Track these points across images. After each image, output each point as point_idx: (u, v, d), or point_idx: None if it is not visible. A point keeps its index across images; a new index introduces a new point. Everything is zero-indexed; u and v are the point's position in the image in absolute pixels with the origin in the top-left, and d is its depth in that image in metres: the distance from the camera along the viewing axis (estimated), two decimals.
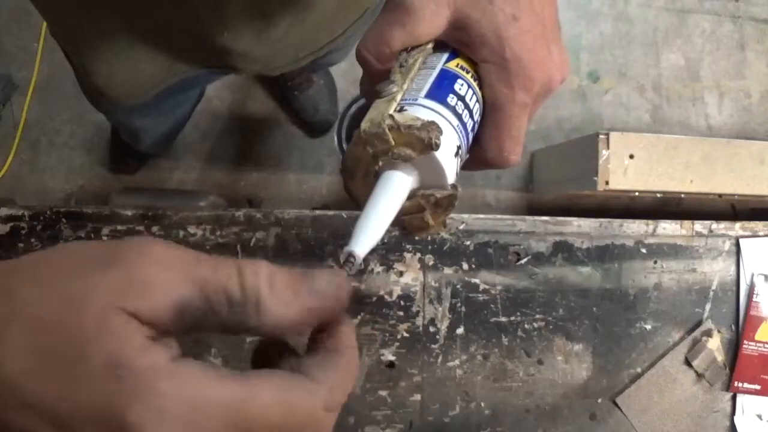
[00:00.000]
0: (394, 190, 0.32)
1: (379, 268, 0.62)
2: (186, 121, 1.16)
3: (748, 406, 0.68)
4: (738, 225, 0.69)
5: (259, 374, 0.22)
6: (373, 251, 0.63)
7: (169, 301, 0.21)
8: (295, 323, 0.23)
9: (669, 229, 0.67)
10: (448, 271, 0.63)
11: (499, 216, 0.64)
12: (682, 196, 1.18)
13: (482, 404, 0.63)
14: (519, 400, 0.64)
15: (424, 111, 0.32)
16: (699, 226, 0.68)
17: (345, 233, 0.62)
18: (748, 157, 1.19)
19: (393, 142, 0.31)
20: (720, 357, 0.67)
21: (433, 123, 0.31)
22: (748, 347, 0.68)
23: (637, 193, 1.14)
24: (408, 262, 0.63)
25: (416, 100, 0.33)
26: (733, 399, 0.68)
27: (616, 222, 0.66)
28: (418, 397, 0.62)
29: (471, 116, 0.34)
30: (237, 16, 0.56)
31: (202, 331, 0.22)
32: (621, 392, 0.65)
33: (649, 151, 1.14)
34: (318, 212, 0.62)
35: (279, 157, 1.50)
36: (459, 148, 0.33)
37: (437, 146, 0.30)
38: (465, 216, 0.64)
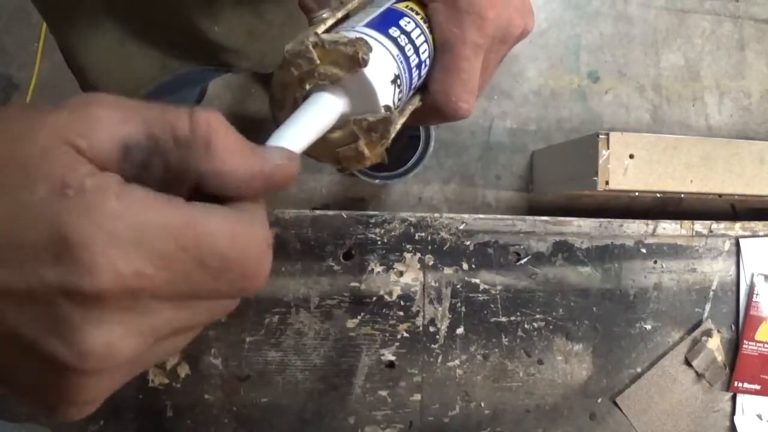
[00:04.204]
0: (320, 108, 0.29)
1: (379, 268, 0.62)
2: None
3: (748, 406, 0.68)
4: (738, 225, 0.69)
5: (204, 204, 0.21)
6: (373, 251, 0.62)
7: (115, 138, 0.20)
8: (245, 182, 0.22)
9: (669, 229, 0.67)
10: (448, 271, 0.63)
11: (499, 216, 0.64)
12: (682, 196, 1.18)
13: (482, 404, 0.63)
14: (519, 400, 0.64)
15: (356, 34, 0.30)
16: (699, 226, 0.68)
17: (345, 233, 0.62)
18: (748, 157, 1.19)
19: (318, 61, 0.29)
20: (720, 357, 0.67)
21: (360, 39, 0.29)
22: (748, 347, 0.68)
23: (637, 193, 1.14)
24: (408, 262, 0.63)
25: (353, 28, 0.31)
26: (733, 399, 0.68)
27: (616, 222, 0.66)
28: (418, 397, 0.62)
29: (417, 54, 0.32)
30: (228, 11, 0.55)
31: (148, 176, 0.21)
32: (621, 392, 0.65)
33: (649, 151, 1.13)
34: (318, 212, 0.62)
35: None
36: (398, 77, 0.31)
37: (365, 62, 0.28)
38: (465, 216, 0.64)
